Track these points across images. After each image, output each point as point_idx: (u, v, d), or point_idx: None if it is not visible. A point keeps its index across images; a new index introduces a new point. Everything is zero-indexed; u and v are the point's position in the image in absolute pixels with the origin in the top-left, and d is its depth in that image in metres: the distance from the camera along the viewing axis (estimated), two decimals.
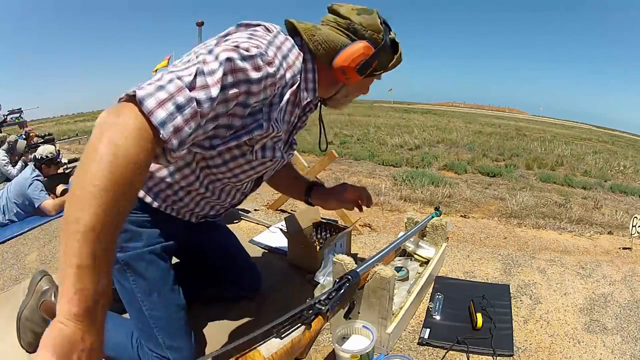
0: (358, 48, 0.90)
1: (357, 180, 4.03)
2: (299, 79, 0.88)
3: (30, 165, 2.69)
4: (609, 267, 1.72)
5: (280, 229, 1.73)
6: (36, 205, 2.44)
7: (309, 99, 0.95)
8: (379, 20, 0.93)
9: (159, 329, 0.98)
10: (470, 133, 11.11)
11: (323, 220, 1.79)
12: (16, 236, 2.16)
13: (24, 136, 4.44)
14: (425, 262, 1.54)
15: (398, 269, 1.42)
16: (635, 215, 1.96)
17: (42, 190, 2.48)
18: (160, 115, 0.62)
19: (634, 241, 1.98)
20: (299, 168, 1.92)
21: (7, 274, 1.69)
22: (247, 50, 0.73)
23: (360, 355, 0.99)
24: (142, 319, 0.98)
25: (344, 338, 1.07)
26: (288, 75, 0.84)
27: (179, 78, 0.66)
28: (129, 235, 0.97)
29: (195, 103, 0.66)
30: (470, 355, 1.12)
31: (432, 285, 1.47)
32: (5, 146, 3.84)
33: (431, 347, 1.16)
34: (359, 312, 1.12)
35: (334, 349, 1.06)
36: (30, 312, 1.16)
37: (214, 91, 0.68)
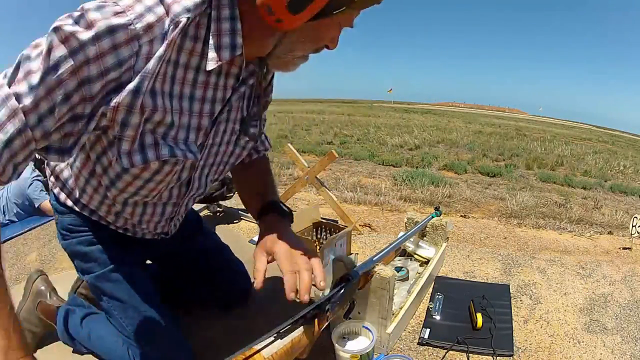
0: None
1: (357, 180, 4.03)
2: (192, 28, 0.62)
3: (30, 165, 2.68)
4: (609, 267, 1.72)
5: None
6: (36, 205, 2.44)
7: (223, 59, 0.64)
8: None
9: (146, 343, 0.94)
10: (470, 133, 11.11)
11: (323, 220, 1.79)
12: (16, 236, 2.16)
13: None
14: (425, 262, 1.54)
15: (398, 269, 1.42)
16: (635, 215, 1.96)
17: (42, 190, 2.48)
18: None
19: (634, 241, 1.98)
20: (298, 168, 1.92)
21: (7, 274, 1.69)
22: (82, 8, 0.54)
23: (360, 355, 0.99)
24: (127, 334, 0.94)
25: (344, 338, 1.07)
26: (164, 25, 0.58)
27: (4, 76, 0.55)
28: (84, 256, 0.93)
29: (12, 100, 0.53)
30: (470, 355, 1.12)
31: (432, 285, 1.47)
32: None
33: (431, 347, 1.16)
34: (359, 312, 1.12)
35: (334, 349, 1.06)
36: (27, 313, 1.15)
37: (35, 78, 0.53)
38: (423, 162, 6.01)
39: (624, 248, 1.99)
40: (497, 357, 1.12)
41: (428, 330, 1.21)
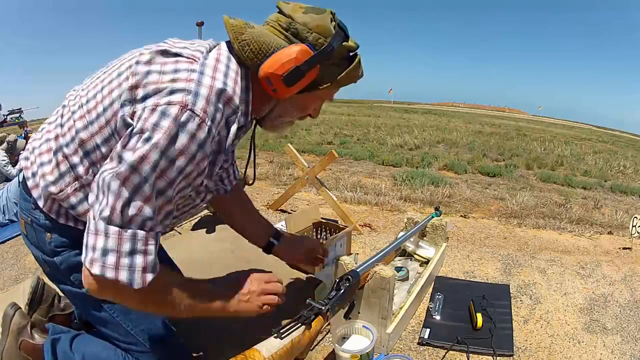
0: (290, 52, 0.71)
1: (357, 180, 4.02)
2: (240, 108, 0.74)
3: None
4: (609, 267, 1.72)
5: (280, 229, 1.73)
6: None
7: (241, 124, 0.76)
8: (331, 22, 0.75)
9: (151, 345, 0.93)
10: (470, 133, 11.10)
11: (323, 220, 1.79)
12: (16, 236, 2.16)
13: (23, 136, 4.44)
14: (425, 262, 1.54)
15: (398, 269, 1.42)
16: (635, 215, 1.96)
17: None
18: (122, 276, 0.66)
19: (634, 241, 1.98)
20: (299, 168, 1.92)
21: (7, 274, 1.69)
22: (162, 129, 0.65)
23: (360, 355, 0.99)
24: (130, 338, 0.93)
25: (344, 338, 1.07)
26: (227, 112, 0.72)
27: (109, 223, 0.65)
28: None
29: (140, 231, 0.67)
30: (470, 355, 1.12)
31: (432, 285, 1.47)
32: (4, 146, 3.84)
33: (431, 347, 1.16)
34: (359, 312, 1.12)
35: (334, 349, 1.06)
36: (9, 355, 1.03)
37: (149, 209, 0.67)
38: (423, 162, 6.00)
39: (624, 248, 1.99)
40: (497, 357, 1.12)
41: (428, 330, 1.21)
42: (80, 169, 0.77)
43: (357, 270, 0.98)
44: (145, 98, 0.68)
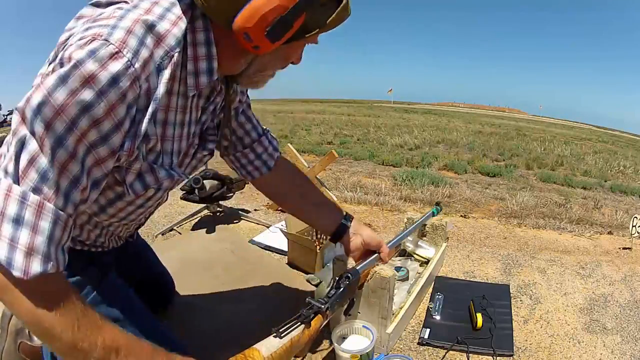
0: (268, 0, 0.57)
1: (357, 180, 4.02)
2: (178, 58, 0.60)
3: None
4: (609, 267, 1.72)
5: (280, 229, 1.73)
6: None
7: (201, 85, 0.66)
8: None
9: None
10: (470, 133, 11.10)
11: None
12: None
13: None
14: (425, 262, 1.54)
15: (398, 269, 1.42)
16: (635, 215, 1.96)
17: None
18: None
19: (634, 241, 1.98)
20: (298, 167, 1.92)
21: None
22: (69, 58, 0.51)
23: (360, 355, 0.99)
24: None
25: (344, 338, 1.07)
26: (156, 58, 0.57)
27: (5, 173, 0.51)
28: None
29: (31, 196, 0.51)
30: (470, 355, 1.12)
31: (432, 285, 1.47)
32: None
33: (431, 347, 1.16)
34: (359, 312, 1.12)
35: (334, 349, 1.06)
36: (9, 356, 1.00)
37: (42, 161, 0.51)
38: (423, 162, 6.00)
39: (624, 248, 1.99)
40: (497, 357, 1.12)
41: (428, 330, 1.21)
42: None
43: (357, 268, 0.98)
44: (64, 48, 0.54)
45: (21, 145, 0.51)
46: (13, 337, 0.99)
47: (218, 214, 2.13)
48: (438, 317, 1.28)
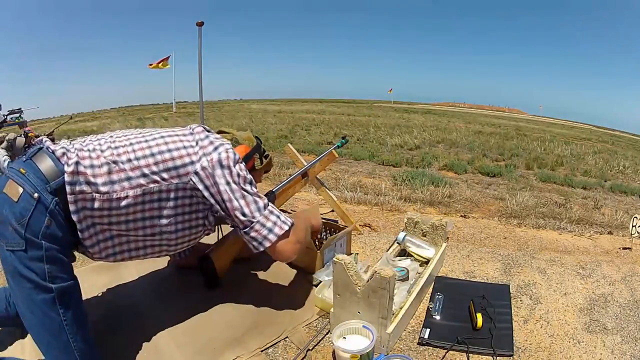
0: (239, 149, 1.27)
1: (357, 180, 4.02)
2: None
3: None
4: (609, 267, 1.72)
5: None
6: None
7: None
8: (254, 136, 1.36)
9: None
10: (470, 133, 11.10)
11: (323, 220, 1.79)
12: None
13: (22, 135, 4.43)
14: (425, 262, 1.54)
15: (398, 269, 1.42)
16: (635, 215, 1.96)
17: None
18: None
19: (634, 241, 1.98)
20: (298, 168, 1.92)
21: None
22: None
23: (360, 355, 0.99)
24: (68, 351, 0.92)
25: (344, 338, 1.07)
26: None
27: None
28: (61, 263, 0.93)
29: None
30: (470, 355, 1.12)
31: (432, 285, 1.47)
32: (4, 144, 3.84)
33: (431, 347, 1.16)
34: (359, 312, 1.12)
35: (334, 349, 1.06)
36: None
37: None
38: (423, 162, 6.00)
39: (624, 248, 1.99)
40: (497, 357, 1.12)
41: (428, 330, 1.21)
42: None
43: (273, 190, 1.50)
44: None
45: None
46: None
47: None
48: (438, 317, 1.28)
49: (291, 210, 2.33)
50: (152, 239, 1.06)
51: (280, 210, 1.20)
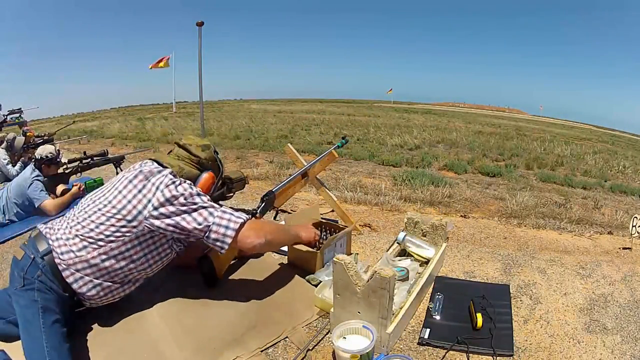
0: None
1: (357, 180, 4.02)
2: None
3: (30, 165, 2.68)
4: (609, 267, 1.72)
5: None
6: (36, 205, 2.44)
7: None
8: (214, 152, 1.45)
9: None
10: (470, 133, 11.10)
11: (323, 220, 1.79)
12: (16, 236, 2.16)
13: (22, 135, 4.43)
14: (425, 262, 1.54)
15: (398, 269, 1.42)
16: (635, 215, 1.96)
17: (42, 190, 2.48)
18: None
19: (634, 241, 1.98)
20: (298, 168, 1.93)
21: (7, 274, 1.69)
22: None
23: (360, 355, 0.99)
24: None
25: (344, 338, 1.07)
26: None
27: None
28: (50, 302, 1.13)
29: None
30: (470, 355, 1.12)
31: (432, 285, 1.47)
32: (4, 145, 3.83)
33: (431, 347, 1.16)
34: (359, 312, 1.12)
35: (334, 349, 1.06)
36: None
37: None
38: (423, 162, 6.00)
39: (624, 248, 1.99)
40: (497, 357, 1.12)
41: (428, 330, 1.21)
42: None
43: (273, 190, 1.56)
44: None
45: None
46: None
47: None
48: (438, 317, 1.28)
49: (291, 210, 2.33)
50: (129, 276, 1.25)
51: (280, 210, 1.21)
